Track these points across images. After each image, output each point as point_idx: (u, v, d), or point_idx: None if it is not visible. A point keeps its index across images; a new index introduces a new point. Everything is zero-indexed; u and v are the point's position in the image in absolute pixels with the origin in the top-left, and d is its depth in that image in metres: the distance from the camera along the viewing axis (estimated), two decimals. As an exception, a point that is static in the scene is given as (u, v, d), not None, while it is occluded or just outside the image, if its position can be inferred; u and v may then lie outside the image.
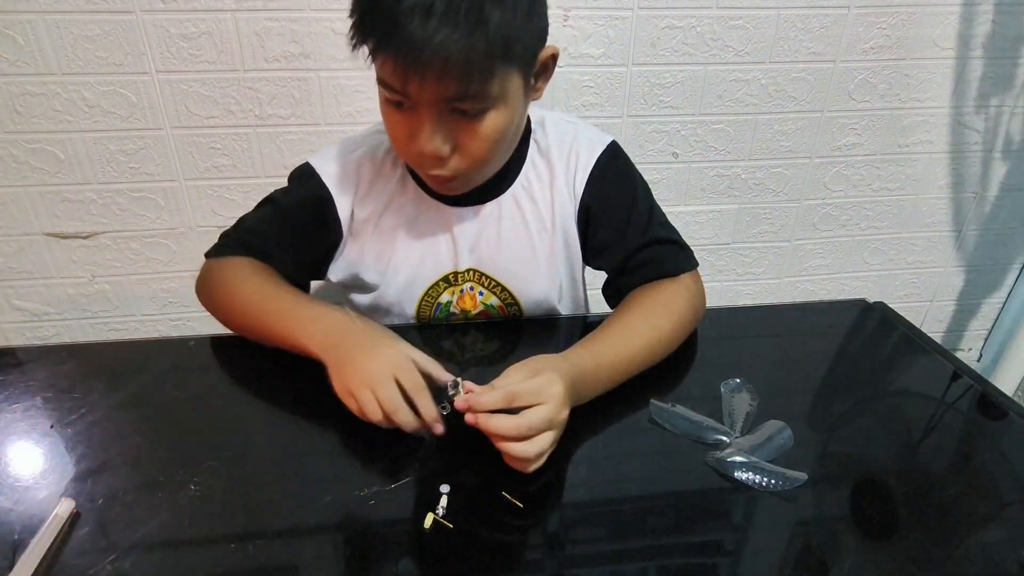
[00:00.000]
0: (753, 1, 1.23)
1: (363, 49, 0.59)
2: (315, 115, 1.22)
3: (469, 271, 0.78)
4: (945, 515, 0.53)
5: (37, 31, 1.08)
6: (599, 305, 0.84)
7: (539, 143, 0.77)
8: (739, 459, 0.56)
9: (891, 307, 0.82)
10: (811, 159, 1.42)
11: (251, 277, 0.71)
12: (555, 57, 0.66)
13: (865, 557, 0.49)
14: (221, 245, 0.76)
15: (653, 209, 0.78)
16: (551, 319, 0.82)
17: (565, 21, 1.20)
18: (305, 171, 0.76)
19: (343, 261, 0.78)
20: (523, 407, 0.52)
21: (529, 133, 0.77)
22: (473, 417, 0.52)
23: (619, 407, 0.64)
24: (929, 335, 0.77)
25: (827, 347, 0.77)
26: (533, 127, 0.77)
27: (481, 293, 0.79)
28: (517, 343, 0.77)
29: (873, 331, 0.79)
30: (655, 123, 1.33)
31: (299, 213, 0.75)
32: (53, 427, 0.60)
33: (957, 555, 0.49)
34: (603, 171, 0.76)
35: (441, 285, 0.78)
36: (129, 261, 1.31)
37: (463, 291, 0.79)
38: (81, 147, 1.18)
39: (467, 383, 0.55)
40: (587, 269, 0.84)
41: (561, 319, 0.82)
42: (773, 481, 0.55)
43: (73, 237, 1.27)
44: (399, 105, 0.62)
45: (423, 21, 0.53)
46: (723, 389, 0.65)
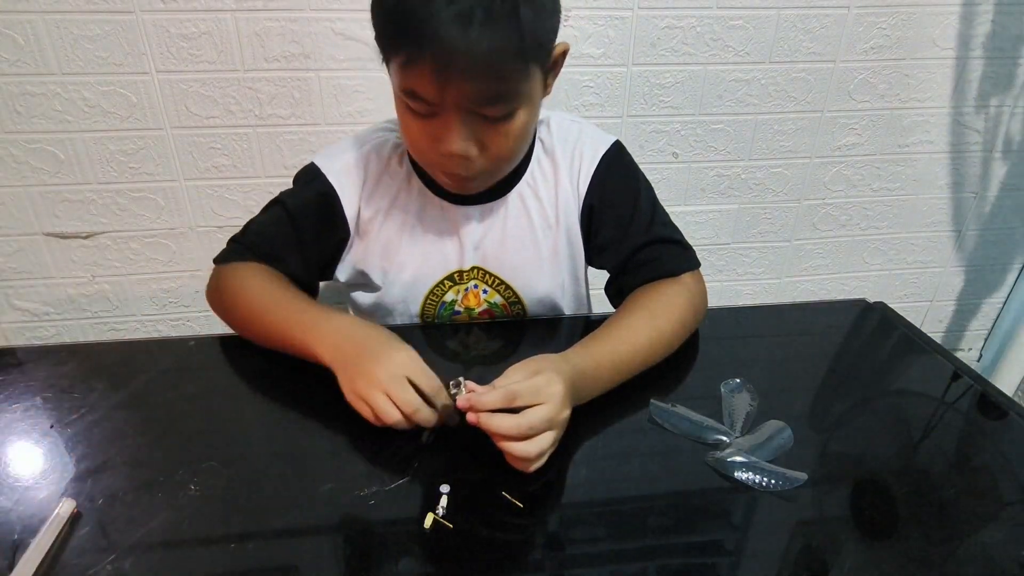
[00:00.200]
0: (753, 1, 1.23)
1: (366, 51, 0.58)
2: (315, 115, 1.22)
3: (474, 269, 0.78)
4: (945, 515, 0.53)
5: (37, 31, 1.08)
6: (601, 304, 0.84)
7: (544, 142, 0.77)
8: (739, 459, 0.56)
9: (891, 307, 0.82)
10: (811, 159, 1.42)
11: (259, 283, 0.71)
12: (565, 53, 0.66)
13: (865, 557, 0.49)
14: (229, 251, 0.76)
15: (656, 208, 0.78)
16: (554, 319, 0.82)
17: (565, 21, 1.20)
18: (311, 171, 0.75)
19: (350, 259, 0.78)
20: (524, 407, 0.52)
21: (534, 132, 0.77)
22: (475, 417, 0.52)
23: (619, 407, 0.64)
24: (929, 335, 0.77)
25: (827, 347, 0.77)
26: (538, 126, 0.77)
27: (485, 291, 0.79)
28: (520, 342, 0.77)
29: (873, 331, 0.79)
30: (655, 123, 1.33)
31: (306, 213, 0.74)
32: (53, 427, 0.60)
33: (957, 555, 0.49)
34: (607, 170, 0.76)
35: (446, 283, 0.78)
36: (129, 261, 1.31)
37: (467, 289, 0.79)
38: (81, 147, 1.18)
39: (469, 383, 0.55)
40: (589, 268, 0.84)
41: (564, 318, 0.82)
42: (773, 481, 0.55)
43: (73, 237, 1.27)
44: (424, 113, 0.60)
45: (463, 28, 0.52)
46: (723, 389, 0.65)
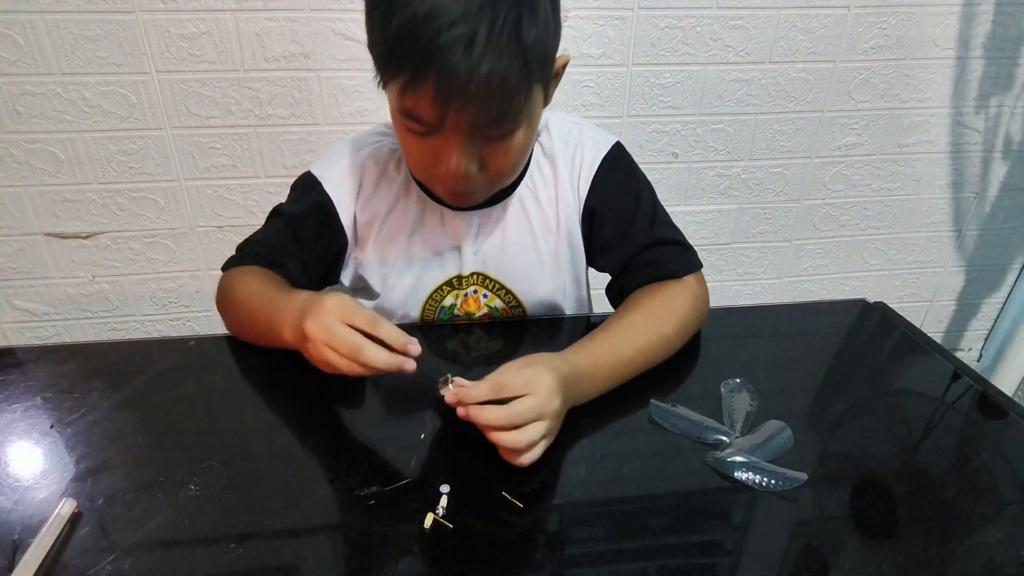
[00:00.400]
0: (753, 1, 1.23)
1: (365, 67, 0.57)
2: (315, 115, 1.22)
3: (474, 275, 0.77)
4: (945, 515, 0.53)
5: (37, 31, 1.08)
6: (602, 305, 0.84)
7: (543, 145, 0.76)
8: (739, 459, 0.56)
9: (891, 307, 0.82)
10: (811, 159, 1.42)
11: (248, 283, 0.71)
12: (566, 65, 0.65)
13: (865, 557, 0.49)
14: (233, 259, 0.76)
15: (657, 210, 0.77)
16: (555, 319, 0.82)
17: (565, 21, 1.20)
18: (308, 180, 0.75)
19: (351, 265, 0.78)
20: (513, 398, 0.52)
21: None
22: (464, 410, 0.53)
23: (619, 407, 0.64)
24: (929, 335, 0.77)
25: (827, 347, 0.77)
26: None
27: (485, 295, 0.79)
28: (520, 343, 0.77)
29: (873, 331, 0.79)
30: (655, 123, 1.33)
31: (305, 223, 0.74)
32: (53, 427, 0.60)
33: (957, 555, 0.49)
34: (607, 172, 0.75)
35: (445, 289, 0.78)
36: (129, 261, 1.31)
37: (467, 295, 0.79)
38: (81, 147, 1.18)
39: (457, 379, 0.55)
40: (590, 270, 0.84)
41: (565, 319, 0.82)
42: (773, 481, 0.55)
43: (73, 237, 1.27)
44: (423, 132, 0.60)
45: (466, 51, 0.51)
46: (723, 389, 0.65)
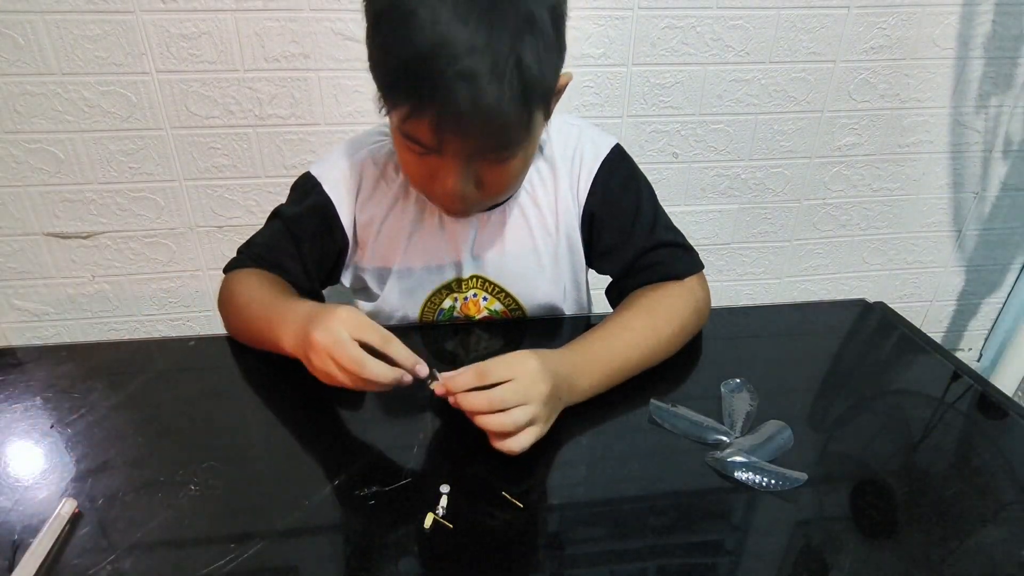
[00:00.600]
0: (753, 1, 1.23)
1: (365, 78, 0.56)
2: (315, 115, 1.22)
3: (473, 278, 0.77)
4: (945, 515, 0.53)
5: (37, 31, 1.08)
6: (602, 305, 0.84)
7: (542, 148, 0.76)
8: (739, 459, 0.56)
9: (891, 307, 0.82)
10: (811, 159, 1.42)
11: (248, 287, 0.70)
12: (568, 82, 0.65)
13: (865, 557, 0.49)
14: (234, 261, 0.76)
15: (658, 212, 0.77)
16: (554, 319, 0.82)
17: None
18: (307, 181, 0.75)
19: (351, 267, 0.78)
20: (499, 383, 0.53)
21: None
22: (453, 398, 0.54)
23: (619, 407, 0.64)
24: (929, 335, 0.77)
25: (827, 347, 0.77)
26: None
27: (485, 299, 0.79)
28: (520, 343, 0.76)
29: (873, 331, 0.79)
30: (655, 123, 1.33)
31: (305, 224, 0.74)
32: (53, 427, 0.60)
33: (957, 555, 0.49)
34: (607, 176, 0.75)
35: (444, 292, 0.78)
36: (129, 261, 1.31)
37: (467, 298, 0.79)
38: (81, 147, 1.18)
39: (443, 373, 0.56)
40: (590, 271, 0.83)
41: (564, 319, 0.82)
42: (773, 481, 0.55)
43: (73, 237, 1.27)
44: (423, 153, 0.59)
45: (469, 86, 0.51)
46: (723, 389, 0.65)
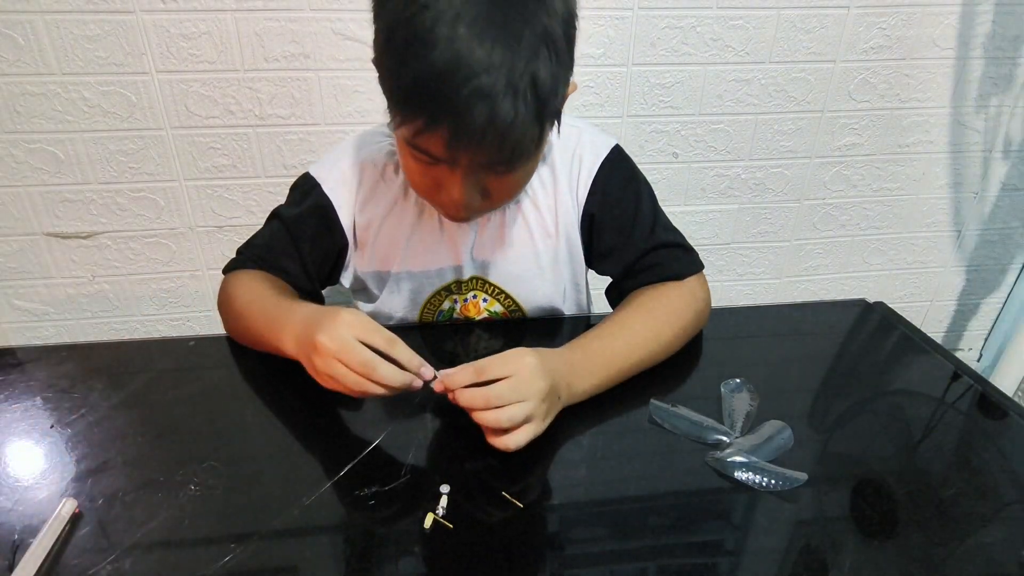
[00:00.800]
0: (753, 1, 1.23)
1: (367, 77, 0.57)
2: (315, 115, 1.22)
3: (473, 279, 0.77)
4: (945, 515, 0.53)
5: (37, 31, 1.08)
6: (602, 305, 0.84)
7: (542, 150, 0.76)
8: (739, 459, 0.56)
9: (891, 307, 0.82)
10: (811, 159, 1.42)
11: (248, 289, 0.70)
12: (574, 90, 0.65)
13: (865, 557, 0.49)
14: (233, 262, 0.76)
15: (657, 212, 0.77)
16: (554, 319, 0.82)
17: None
18: (307, 182, 0.75)
19: (351, 267, 0.78)
20: (497, 380, 0.54)
21: None
22: (452, 395, 0.54)
23: (619, 407, 0.64)
24: (929, 335, 0.77)
25: (827, 347, 0.77)
26: None
27: (485, 300, 0.79)
28: (520, 343, 0.76)
29: (873, 331, 0.79)
30: (655, 123, 1.33)
31: (304, 225, 0.74)
32: (53, 427, 0.60)
33: (957, 555, 0.49)
34: (607, 177, 0.75)
35: (443, 293, 0.78)
36: (129, 261, 1.31)
37: (467, 300, 0.79)
38: (81, 147, 1.18)
39: (442, 371, 0.57)
40: (590, 272, 0.83)
41: (564, 319, 0.82)
42: (773, 481, 0.55)
43: (73, 237, 1.27)
44: (429, 162, 0.59)
45: (486, 102, 0.51)
46: (723, 389, 0.65)
